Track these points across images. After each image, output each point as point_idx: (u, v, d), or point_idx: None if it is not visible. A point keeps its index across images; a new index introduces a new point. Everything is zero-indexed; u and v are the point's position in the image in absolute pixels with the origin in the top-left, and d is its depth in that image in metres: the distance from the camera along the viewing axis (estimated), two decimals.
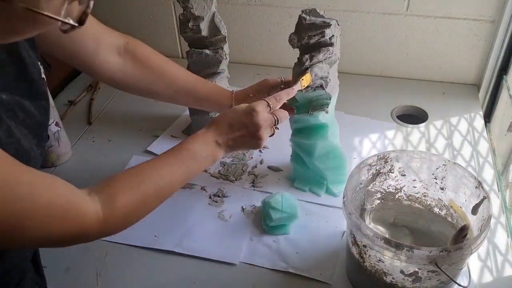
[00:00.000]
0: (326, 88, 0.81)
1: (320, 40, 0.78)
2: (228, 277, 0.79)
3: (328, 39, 0.78)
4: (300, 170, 0.94)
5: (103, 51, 0.80)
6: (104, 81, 0.85)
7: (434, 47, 1.21)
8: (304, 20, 0.78)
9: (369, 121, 1.13)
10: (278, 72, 1.32)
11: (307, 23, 0.78)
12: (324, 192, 0.93)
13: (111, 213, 0.57)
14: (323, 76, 0.80)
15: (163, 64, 0.87)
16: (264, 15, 1.27)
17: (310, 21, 0.78)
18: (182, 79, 0.87)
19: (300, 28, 0.78)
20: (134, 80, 0.85)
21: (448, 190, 0.78)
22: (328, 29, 0.77)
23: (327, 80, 0.81)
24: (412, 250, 0.62)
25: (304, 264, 0.80)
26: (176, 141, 1.08)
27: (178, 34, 1.37)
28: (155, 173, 0.64)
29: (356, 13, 1.20)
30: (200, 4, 0.93)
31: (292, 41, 0.80)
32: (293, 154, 0.94)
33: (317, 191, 0.93)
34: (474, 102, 1.19)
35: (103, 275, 0.80)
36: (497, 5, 1.10)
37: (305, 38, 0.78)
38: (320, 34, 0.77)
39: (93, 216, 0.55)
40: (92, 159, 1.05)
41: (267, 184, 0.97)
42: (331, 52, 0.80)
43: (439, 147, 1.05)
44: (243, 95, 0.90)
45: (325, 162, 0.90)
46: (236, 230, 0.87)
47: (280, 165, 1.00)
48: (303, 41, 0.78)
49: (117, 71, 0.83)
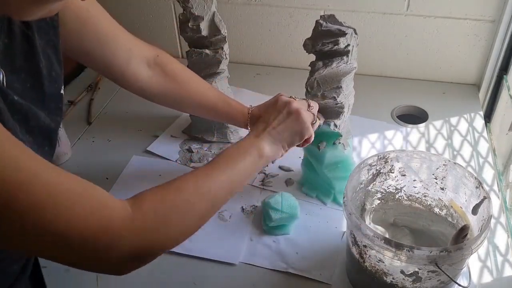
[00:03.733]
0: (338, 97, 0.79)
1: (333, 48, 0.76)
2: (228, 277, 0.79)
3: (343, 48, 0.77)
4: (309, 175, 0.93)
5: (134, 62, 0.81)
6: (132, 91, 0.86)
7: (434, 47, 1.21)
8: (320, 26, 0.77)
9: (369, 121, 1.12)
10: (278, 72, 1.33)
11: (322, 29, 0.76)
12: (330, 200, 0.92)
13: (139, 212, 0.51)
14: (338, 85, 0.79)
15: (189, 80, 0.88)
16: (264, 15, 1.27)
17: (326, 27, 0.76)
18: (205, 96, 0.88)
19: (315, 34, 0.77)
20: (161, 92, 0.86)
21: (448, 190, 0.78)
22: (343, 37, 0.75)
23: (340, 90, 0.79)
24: (412, 250, 0.62)
25: (304, 264, 0.80)
26: (176, 141, 1.09)
27: (178, 34, 1.37)
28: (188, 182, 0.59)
29: (356, 13, 1.20)
30: (200, 4, 0.92)
31: (306, 46, 0.79)
32: (304, 159, 0.93)
33: (324, 199, 0.92)
34: (474, 102, 1.19)
35: (103, 275, 0.80)
36: (497, 5, 1.10)
37: (319, 44, 0.77)
38: (334, 42, 0.76)
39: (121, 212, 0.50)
40: (92, 159, 1.05)
41: (277, 184, 0.96)
42: (345, 61, 0.78)
43: (439, 147, 1.05)
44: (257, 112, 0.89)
45: (334, 171, 0.89)
46: (236, 230, 0.87)
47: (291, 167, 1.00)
48: (317, 48, 0.77)
49: (146, 83, 0.84)
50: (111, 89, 1.25)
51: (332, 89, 0.79)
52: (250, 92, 1.24)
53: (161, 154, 1.05)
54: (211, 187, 0.60)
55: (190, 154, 1.04)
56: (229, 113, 0.90)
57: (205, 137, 1.07)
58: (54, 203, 0.45)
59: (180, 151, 1.06)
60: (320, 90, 0.80)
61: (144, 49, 0.84)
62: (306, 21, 1.24)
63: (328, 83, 0.79)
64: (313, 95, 0.81)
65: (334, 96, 0.79)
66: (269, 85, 1.26)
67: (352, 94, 0.85)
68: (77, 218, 0.46)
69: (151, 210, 0.53)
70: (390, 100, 1.20)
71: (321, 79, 0.79)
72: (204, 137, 1.07)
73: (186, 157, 1.04)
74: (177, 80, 0.86)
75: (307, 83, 0.81)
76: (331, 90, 0.79)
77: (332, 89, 0.79)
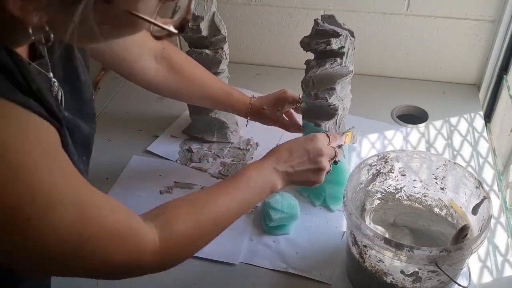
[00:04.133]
0: (330, 98, 0.79)
1: (325, 48, 0.76)
2: (228, 277, 0.79)
3: (337, 49, 0.77)
4: None
5: (144, 56, 0.82)
6: (140, 85, 0.87)
7: (434, 47, 1.21)
8: (316, 25, 0.77)
9: (368, 121, 1.12)
10: (278, 72, 1.33)
11: (318, 28, 0.77)
12: (320, 203, 0.91)
13: (168, 242, 0.54)
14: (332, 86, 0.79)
15: (195, 72, 0.89)
16: (264, 15, 1.27)
17: (321, 27, 0.76)
18: (209, 88, 0.90)
19: (312, 32, 0.78)
20: (167, 85, 0.87)
21: (448, 190, 0.78)
22: (335, 39, 0.75)
23: (333, 91, 0.79)
24: (412, 250, 0.62)
25: (304, 265, 0.80)
26: (176, 141, 1.09)
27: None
28: (212, 201, 0.61)
29: (356, 13, 1.20)
30: (200, 4, 0.92)
31: (303, 44, 0.79)
32: None
33: (314, 200, 0.92)
34: (474, 102, 1.19)
35: None
36: (497, 5, 1.10)
37: (313, 43, 0.77)
38: (326, 42, 0.76)
39: (151, 243, 0.53)
40: (92, 159, 1.05)
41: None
42: (338, 63, 0.78)
43: (439, 147, 1.05)
44: (259, 104, 0.92)
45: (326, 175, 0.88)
46: (236, 230, 0.86)
47: None
48: (312, 47, 0.77)
49: (154, 76, 0.85)
50: (111, 89, 1.24)
51: (325, 90, 0.79)
52: (250, 92, 1.23)
53: (161, 154, 1.05)
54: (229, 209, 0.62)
55: (190, 154, 1.04)
56: (230, 102, 0.91)
57: (205, 137, 1.07)
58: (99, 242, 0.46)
59: (180, 151, 1.06)
60: (314, 90, 0.80)
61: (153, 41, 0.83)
62: (306, 21, 1.24)
63: (322, 83, 0.80)
64: (307, 94, 0.81)
65: (326, 97, 0.79)
66: (269, 85, 1.25)
67: (348, 98, 0.84)
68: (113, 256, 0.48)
69: (178, 241, 0.56)
70: (390, 100, 1.20)
71: (316, 79, 0.80)
72: (204, 137, 1.07)
73: (186, 157, 1.04)
74: (182, 73, 0.86)
75: (303, 81, 0.81)
76: (324, 91, 0.80)
77: (325, 89, 0.79)
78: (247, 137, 1.08)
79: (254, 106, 0.92)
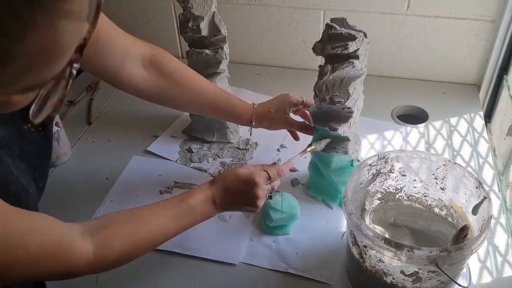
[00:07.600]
0: (346, 102, 0.78)
1: (342, 52, 0.75)
2: (228, 278, 0.79)
3: (352, 52, 0.76)
4: (316, 178, 0.92)
5: (128, 63, 0.80)
6: (129, 92, 0.85)
7: (434, 47, 1.21)
8: (329, 29, 0.76)
9: (368, 121, 1.12)
10: (278, 72, 1.33)
11: (332, 32, 0.75)
12: (337, 205, 0.91)
13: (102, 257, 0.60)
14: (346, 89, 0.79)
15: (189, 78, 0.87)
16: (264, 15, 1.27)
17: (335, 31, 0.75)
18: (206, 94, 0.88)
19: (325, 37, 0.76)
20: (157, 92, 0.85)
21: (448, 190, 0.78)
22: (352, 42, 0.74)
23: (348, 94, 0.78)
24: (412, 251, 0.62)
25: (304, 265, 0.80)
26: (176, 141, 1.09)
27: (178, 34, 1.37)
28: (152, 222, 0.67)
29: (356, 13, 1.20)
30: (200, 4, 0.92)
31: (315, 49, 0.78)
32: (311, 163, 0.92)
33: (330, 203, 0.91)
34: (474, 102, 1.19)
35: (102, 275, 0.80)
36: (498, 5, 1.10)
37: (328, 48, 0.76)
38: (343, 46, 0.75)
39: (82, 257, 0.57)
40: (92, 159, 1.05)
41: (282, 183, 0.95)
42: (354, 65, 0.78)
43: (439, 147, 1.05)
44: (263, 109, 0.91)
45: (340, 176, 0.88)
46: (236, 231, 0.87)
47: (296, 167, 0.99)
48: (326, 51, 0.76)
49: (142, 83, 0.83)
50: (111, 89, 1.24)
51: (340, 94, 0.79)
52: (250, 92, 1.24)
53: (161, 154, 1.05)
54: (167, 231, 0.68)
55: (190, 154, 1.04)
56: (231, 108, 0.90)
57: (205, 137, 1.07)
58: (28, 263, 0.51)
59: (180, 151, 1.06)
60: (329, 94, 0.79)
61: (140, 48, 0.82)
62: (306, 21, 1.24)
63: (336, 87, 0.78)
64: (321, 99, 0.80)
65: (341, 101, 0.78)
66: (269, 85, 1.26)
67: (361, 99, 0.84)
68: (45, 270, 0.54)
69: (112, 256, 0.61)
70: (390, 100, 1.20)
71: (329, 83, 0.79)
72: (204, 137, 1.07)
73: (186, 157, 1.04)
74: (173, 80, 0.84)
75: (316, 86, 0.80)
76: (339, 95, 0.79)
77: (340, 93, 0.79)
78: (247, 137, 1.08)
79: (258, 112, 0.90)
